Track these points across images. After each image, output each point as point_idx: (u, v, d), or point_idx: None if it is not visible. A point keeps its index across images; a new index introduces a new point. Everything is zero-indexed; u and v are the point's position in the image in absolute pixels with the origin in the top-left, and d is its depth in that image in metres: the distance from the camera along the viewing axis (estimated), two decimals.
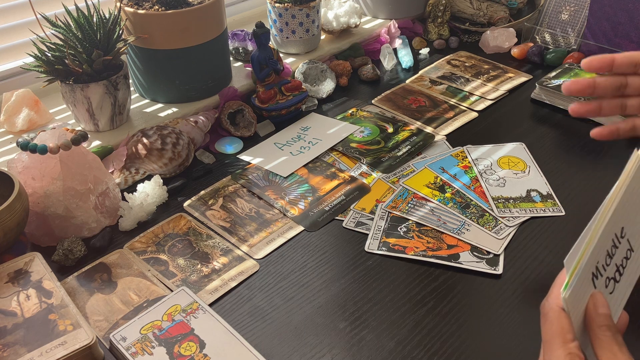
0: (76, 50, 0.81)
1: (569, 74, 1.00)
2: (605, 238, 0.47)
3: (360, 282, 0.68)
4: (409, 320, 0.63)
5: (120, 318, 0.64)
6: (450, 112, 0.98)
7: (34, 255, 0.66)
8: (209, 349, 0.58)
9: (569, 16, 1.13)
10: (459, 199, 0.79)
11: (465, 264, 0.69)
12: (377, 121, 0.96)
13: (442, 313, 0.64)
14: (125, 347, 0.59)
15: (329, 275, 0.69)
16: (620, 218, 0.48)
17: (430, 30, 1.21)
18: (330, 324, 0.63)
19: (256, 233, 0.75)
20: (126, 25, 0.90)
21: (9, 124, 0.89)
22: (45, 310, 0.59)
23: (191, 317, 0.61)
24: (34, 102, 0.90)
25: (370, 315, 0.64)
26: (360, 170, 0.86)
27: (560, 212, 0.77)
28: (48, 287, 0.62)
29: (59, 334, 0.57)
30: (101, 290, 0.67)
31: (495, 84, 1.05)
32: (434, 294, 0.66)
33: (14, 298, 0.61)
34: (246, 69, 1.05)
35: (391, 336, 0.61)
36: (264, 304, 0.65)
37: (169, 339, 0.59)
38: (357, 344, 0.61)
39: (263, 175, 0.85)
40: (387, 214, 0.77)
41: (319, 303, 0.65)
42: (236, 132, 0.93)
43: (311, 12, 1.06)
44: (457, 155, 0.87)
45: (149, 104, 0.97)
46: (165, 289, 0.67)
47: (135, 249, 0.73)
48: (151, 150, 0.83)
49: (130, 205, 0.76)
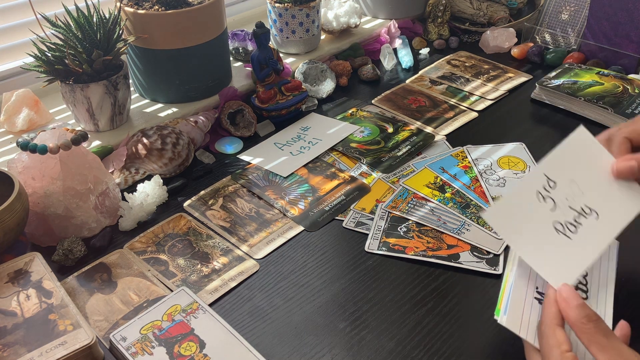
0: (76, 50, 0.81)
1: (569, 74, 1.00)
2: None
3: (360, 282, 0.68)
4: (409, 320, 0.63)
5: (120, 318, 0.64)
6: (450, 112, 0.98)
7: (34, 255, 0.66)
8: (209, 349, 0.58)
9: (569, 16, 1.13)
10: (459, 199, 0.79)
11: (465, 264, 0.69)
12: (377, 121, 0.96)
13: (442, 313, 0.64)
14: (125, 347, 0.58)
15: (329, 275, 0.69)
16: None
17: (430, 30, 1.21)
18: (330, 324, 0.63)
19: (256, 233, 0.75)
20: (126, 25, 0.90)
21: (9, 124, 0.89)
22: (45, 310, 0.59)
23: (191, 317, 0.61)
24: (34, 102, 0.90)
25: (370, 315, 0.64)
26: (360, 170, 0.86)
27: None
28: (48, 287, 0.62)
29: (59, 334, 0.57)
30: (101, 290, 0.67)
31: (495, 84, 1.05)
32: (434, 294, 0.66)
33: (14, 298, 0.61)
34: (246, 69, 1.05)
35: (391, 336, 0.61)
36: (264, 304, 0.65)
37: (169, 339, 0.59)
38: (357, 344, 0.61)
39: (263, 175, 0.85)
40: (387, 214, 0.77)
41: (319, 303, 0.65)
42: (236, 132, 0.93)
43: (311, 12, 1.06)
44: (457, 155, 0.87)
45: (149, 104, 0.97)
46: (165, 289, 0.67)
47: (135, 249, 0.73)
48: (151, 150, 0.83)
49: (130, 205, 0.76)
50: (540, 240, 0.52)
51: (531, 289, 0.52)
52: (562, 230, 0.53)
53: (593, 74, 1.00)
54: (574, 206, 0.53)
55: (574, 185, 0.54)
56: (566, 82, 0.98)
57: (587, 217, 0.54)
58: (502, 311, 0.50)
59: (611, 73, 1.00)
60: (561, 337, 0.47)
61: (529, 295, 0.52)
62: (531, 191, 0.53)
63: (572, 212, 0.53)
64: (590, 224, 0.54)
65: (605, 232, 0.54)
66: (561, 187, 0.54)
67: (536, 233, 0.52)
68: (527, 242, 0.52)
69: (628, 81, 0.97)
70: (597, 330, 0.45)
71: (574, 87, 0.96)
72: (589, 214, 0.54)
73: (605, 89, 0.95)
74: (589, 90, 0.95)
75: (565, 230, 0.53)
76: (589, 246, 0.53)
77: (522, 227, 0.52)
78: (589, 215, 0.54)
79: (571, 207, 0.53)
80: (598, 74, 1.00)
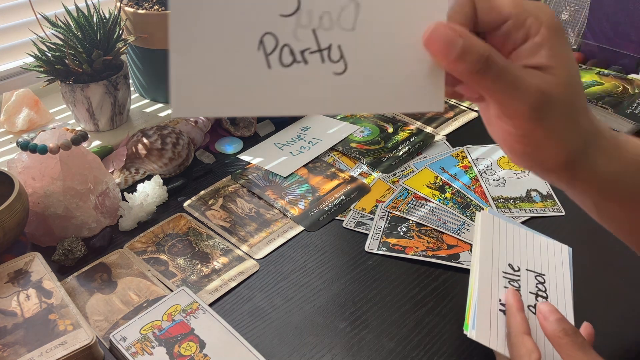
0: (76, 50, 0.81)
1: None
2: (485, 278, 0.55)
3: (360, 282, 0.68)
4: (409, 320, 0.63)
5: (120, 318, 0.64)
6: (450, 112, 0.98)
7: (34, 255, 0.66)
8: (209, 349, 0.58)
9: (569, 16, 1.13)
10: (459, 199, 0.79)
11: (466, 264, 0.69)
12: (377, 121, 0.96)
13: (442, 313, 0.64)
14: (125, 347, 0.58)
15: (329, 275, 0.69)
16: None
17: None
18: (330, 324, 0.63)
19: (256, 233, 0.75)
20: (126, 25, 0.90)
21: (9, 123, 0.89)
22: (45, 310, 0.59)
23: (191, 317, 0.61)
24: (34, 102, 0.90)
25: (370, 315, 0.64)
26: (360, 170, 0.86)
27: (560, 212, 0.77)
28: (48, 287, 0.62)
29: (59, 334, 0.57)
30: (101, 290, 0.67)
31: None
32: (434, 293, 0.66)
33: (14, 298, 0.61)
34: None
35: (391, 336, 0.61)
36: (264, 304, 0.65)
37: (169, 339, 0.59)
38: (357, 344, 0.61)
39: (263, 175, 0.85)
40: (387, 214, 0.77)
41: (319, 303, 0.65)
42: (236, 132, 0.93)
43: None
44: (457, 155, 0.87)
45: (149, 104, 0.97)
46: (165, 289, 0.67)
47: (135, 249, 0.73)
48: (151, 150, 0.83)
49: (130, 205, 0.76)
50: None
51: (495, 301, 0.54)
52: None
53: (593, 74, 1.00)
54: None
55: None
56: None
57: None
58: (470, 326, 0.52)
59: (611, 73, 1.00)
60: (530, 345, 0.48)
61: (494, 308, 0.53)
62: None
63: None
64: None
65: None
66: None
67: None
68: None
69: (628, 81, 0.97)
70: (574, 344, 0.46)
71: None
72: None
73: (605, 89, 0.95)
74: (589, 90, 0.95)
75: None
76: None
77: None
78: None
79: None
80: (598, 74, 1.00)
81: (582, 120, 0.37)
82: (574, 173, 0.39)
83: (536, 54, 0.35)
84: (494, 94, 0.35)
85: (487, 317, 0.52)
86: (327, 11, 0.32)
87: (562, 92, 0.35)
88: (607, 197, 0.41)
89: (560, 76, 0.35)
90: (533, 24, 0.35)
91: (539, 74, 0.35)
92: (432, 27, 0.33)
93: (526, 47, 0.35)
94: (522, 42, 0.35)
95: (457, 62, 0.33)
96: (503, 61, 0.34)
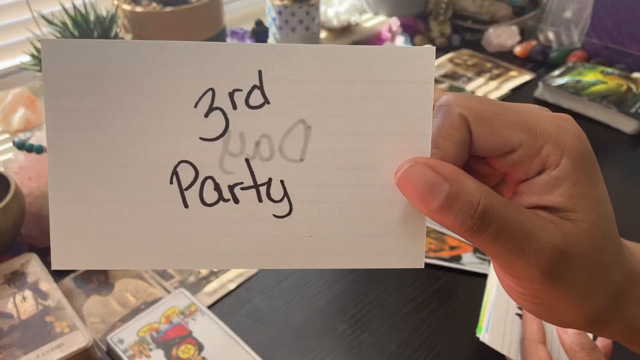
0: None
1: (573, 72, 0.99)
2: None
3: (360, 284, 0.67)
4: (410, 323, 0.62)
5: (118, 320, 0.63)
6: None
7: (31, 257, 0.65)
8: (207, 351, 0.58)
9: (573, 14, 1.12)
10: None
11: (468, 266, 0.68)
12: None
13: (443, 315, 0.63)
14: (123, 350, 0.58)
15: (329, 277, 0.68)
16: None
17: (432, 28, 1.20)
18: (330, 326, 0.62)
19: None
20: (123, 23, 0.89)
21: (5, 123, 0.88)
22: (41, 312, 0.59)
23: (189, 320, 0.61)
24: (30, 101, 0.89)
25: (371, 318, 0.63)
26: None
27: None
28: (45, 288, 0.61)
29: (56, 336, 0.56)
30: (98, 292, 0.66)
31: (498, 83, 1.04)
32: (436, 295, 0.65)
33: (10, 300, 0.60)
34: None
35: (392, 339, 0.61)
36: (263, 306, 0.65)
37: (166, 341, 0.59)
38: (357, 347, 0.60)
39: None
40: None
41: (319, 305, 0.65)
42: None
43: (311, 10, 1.05)
44: None
45: None
46: (163, 290, 0.66)
47: None
48: None
49: None
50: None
51: (512, 305, 0.53)
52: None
53: (597, 73, 0.99)
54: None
55: None
56: (570, 80, 0.97)
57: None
58: (484, 329, 0.51)
59: (615, 72, 0.99)
60: (543, 355, 0.48)
61: (510, 312, 0.52)
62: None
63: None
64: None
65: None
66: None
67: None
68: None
69: (632, 80, 0.96)
70: (590, 359, 0.46)
71: (578, 86, 0.95)
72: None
73: (609, 88, 0.94)
74: (593, 89, 0.94)
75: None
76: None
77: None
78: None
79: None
80: (602, 72, 0.99)
81: (613, 273, 0.28)
82: (599, 328, 0.30)
83: (553, 191, 0.26)
84: (494, 254, 0.27)
85: (503, 321, 0.51)
86: (265, 135, 0.25)
87: (585, 245, 0.26)
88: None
89: (583, 224, 0.26)
90: (552, 153, 0.26)
91: (556, 222, 0.26)
92: (405, 166, 0.25)
93: (541, 179, 0.27)
94: (538, 173, 0.27)
95: (440, 213, 0.25)
96: (506, 211, 0.25)
